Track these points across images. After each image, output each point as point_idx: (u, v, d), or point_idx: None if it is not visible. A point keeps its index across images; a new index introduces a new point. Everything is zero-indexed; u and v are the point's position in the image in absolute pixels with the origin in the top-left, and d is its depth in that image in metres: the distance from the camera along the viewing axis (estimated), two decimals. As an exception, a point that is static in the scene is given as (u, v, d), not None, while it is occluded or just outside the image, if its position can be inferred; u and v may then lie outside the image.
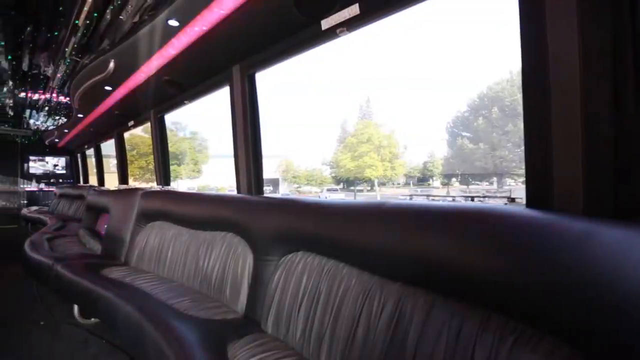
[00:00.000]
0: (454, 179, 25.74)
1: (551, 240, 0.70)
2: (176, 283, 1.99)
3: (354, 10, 1.46)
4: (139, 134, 21.72)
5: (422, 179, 29.44)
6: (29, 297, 2.79)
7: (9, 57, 2.75)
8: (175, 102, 3.07)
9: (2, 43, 2.47)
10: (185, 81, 2.66)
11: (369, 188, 27.10)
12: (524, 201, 1.03)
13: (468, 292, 0.82)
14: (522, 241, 0.74)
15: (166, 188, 3.13)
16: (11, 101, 4.23)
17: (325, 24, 1.61)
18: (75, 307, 2.32)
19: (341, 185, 28.73)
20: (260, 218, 1.60)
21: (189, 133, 26.92)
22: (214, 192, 2.18)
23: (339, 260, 1.22)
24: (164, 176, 3.34)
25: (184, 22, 1.83)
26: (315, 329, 1.17)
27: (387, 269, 1.04)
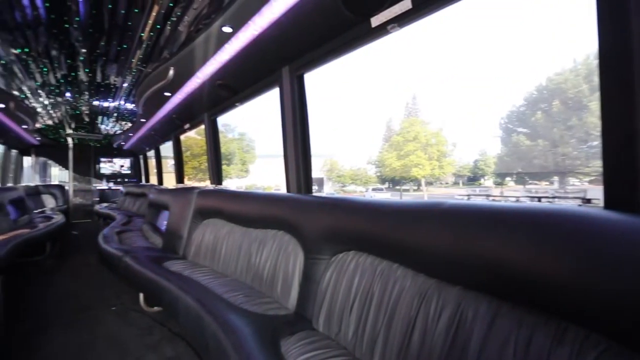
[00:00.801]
0: (508, 178, 24.06)
1: (637, 245, 0.63)
2: (230, 278, 2.08)
3: (406, 4, 1.42)
4: (193, 136, 23.11)
5: (473, 178, 27.96)
6: (104, 284, 3.11)
7: (86, 70, 3.08)
8: (227, 105, 3.22)
9: (82, 58, 2.78)
10: (236, 84, 2.78)
11: (415, 188, 26.33)
12: (600, 203, 0.93)
13: (540, 300, 0.76)
14: (603, 245, 0.67)
15: (219, 187, 3.29)
16: (87, 109, 4.73)
17: (375, 20, 1.59)
18: (141, 296, 2.53)
19: (386, 185, 28.22)
20: (311, 217, 1.62)
21: (237, 134, 28.13)
22: (265, 191, 2.25)
23: (392, 261, 1.20)
24: (217, 175, 3.52)
25: (237, 27, 1.91)
26: (368, 329, 1.16)
27: (445, 272, 1.00)
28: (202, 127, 4.21)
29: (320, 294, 1.45)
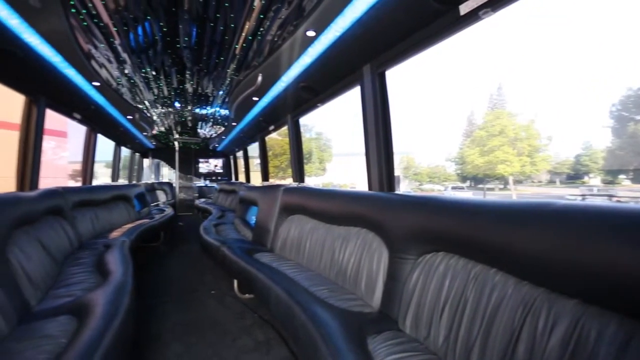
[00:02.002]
0: (622, 176, 20.03)
1: None
2: (314, 272, 2.18)
3: None
4: (274, 137, 24.63)
5: (574, 176, 24.09)
6: (204, 270, 3.53)
7: (191, 82, 3.54)
8: (309, 106, 3.36)
9: (189, 72, 3.20)
10: (318, 85, 2.88)
11: (501, 186, 23.82)
12: None
13: None
14: None
15: (302, 185, 3.45)
16: (190, 116, 5.41)
17: (465, 7, 1.48)
18: (235, 283, 2.81)
19: (467, 183, 26.11)
20: (396, 215, 1.60)
21: (314, 134, 29.05)
22: (348, 189, 2.29)
23: (489, 265, 1.12)
24: (300, 173, 3.70)
25: (320, 30, 1.98)
26: (462, 337, 1.10)
27: (558, 282, 0.89)
28: (284, 128, 4.49)
29: (406, 294, 1.43)
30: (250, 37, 2.42)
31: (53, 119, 2.97)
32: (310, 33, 2.02)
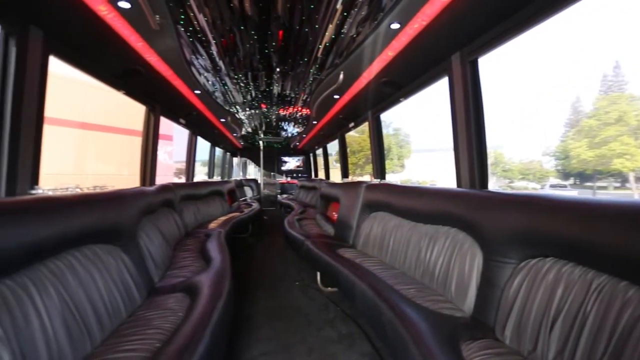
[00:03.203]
0: None
1: None
2: (398, 270, 2.13)
3: None
4: (351, 134, 24.72)
5: None
6: (288, 261, 3.73)
7: (277, 84, 3.76)
8: (391, 101, 3.28)
9: (276, 75, 3.41)
10: (401, 79, 2.79)
11: (617, 184, 19.97)
12: None
13: None
14: None
15: (384, 182, 3.40)
16: (274, 117, 5.76)
17: None
18: (318, 276, 2.90)
19: (571, 181, 22.50)
20: (493, 215, 1.47)
21: (392, 130, 28.31)
22: (435, 186, 2.18)
23: (618, 277, 0.95)
24: (381, 170, 3.65)
25: (405, 22, 1.91)
26: (580, 357, 0.96)
27: None
28: (363, 125, 4.46)
29: (505, 301, 1.30)
30: (333, 37, 2.46)
31: (162, 124, 3.47)
32: (395, 25, 1.97)
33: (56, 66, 1.91)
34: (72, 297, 1.19)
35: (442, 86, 2.56)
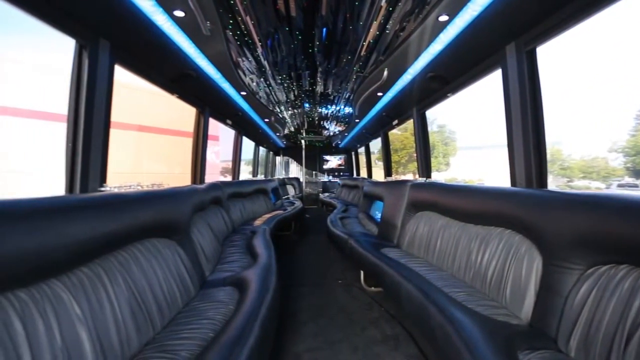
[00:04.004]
0: None
1: None
2: (446, 272, 2.04)
3: None
4: (393, 132, 24.15)
5: None
6: (331, 260, 3.75)
7: (320, 83, 3.78)
8: (438, 97, 3.15)
9: (319, 74, 3.44)
10: (448, 74, 2.67)
11: None
12: None
13: None
14: None
15: (429, 180, 3.29)
16: (316, 116, 5.81)
17: None
18: (362, 275, 2.88)
19: (644, 179, 20.03)
20: (554, 216, 1.35)
21: (436, 127, 27.24)
22: (486, 185, 2.05)
23: None
24: (426, 169, 3.53)
25: (454, 13, 1.82)
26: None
27: None
28: (407, 122, 4.34)
29: (570, 310, 1.19)
30: (377, 33, 2.42)
31: (210, 125, 3.66)
32: (443, 18, 1.89)
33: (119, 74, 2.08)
34: (136, 286, 1.29)
35: (492, 80, 2.42)
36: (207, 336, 1.22)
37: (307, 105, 4.98)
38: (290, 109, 5.21)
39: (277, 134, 6.93)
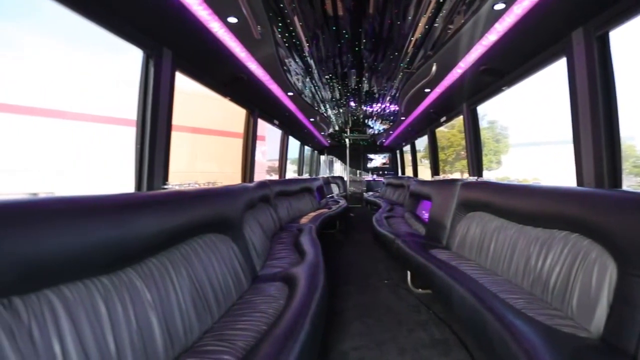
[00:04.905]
0: None
1: None
2: (501, 277, 1.93)
3: None
4: (439, 129, 23.19)
5: None
6: (376, 259, 3.71)
7: (366, 81, 3.76)
8: (491, 91, 2.98)
9: (366, 72, 3.42)
10: (504, 66, 2.52)
11: None
12: None
13: None
14: None
15: (481, 179, 3.13)
16: (360, 114, 5.78)
17: None
18: (408, 275, 2.82)
19: None
20: (632, 220, 1.22)
21: (486, 123, 25.66)
22: (547, 185, 1.90)
23: None
24: (478, 167, 3.36)
25: (511, 0, 1.72)
26: None
27: None
28: (457, 119, 4.15)
29: None
30: (426, 27, 2.35)
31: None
32: (499, 6, 1.79)
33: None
34: (197, 278, 1.39)
35: (553, 70, 2.24)
36: (261, 328, 1.28)
37: (352, 103, 4.98)
38: (335, 107, 5.23)
39: (322, 133, 7.00)
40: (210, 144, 14.23)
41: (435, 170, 5.23)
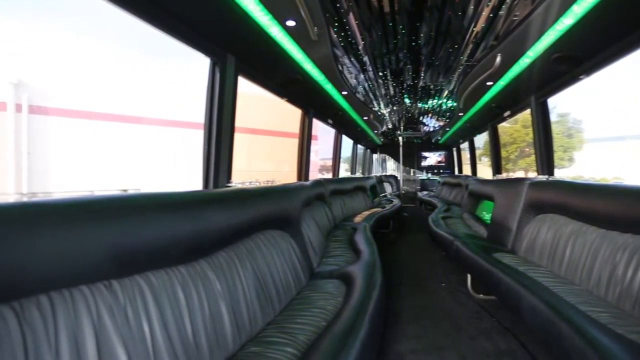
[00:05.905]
0: None
1: None
2: (579, 287, 1.75)
3: None
4: (500, 125, 21.55)
5: None
6: (432, 261, 3.59)
7: (422, 77, 3.65)
8: (565, 81, 2.70)
9: (423, 68, 3.32)
10: (582, 53, 2.27)
11: None
12: None
13: None
14: None
15: (551, 178, 2.85)
16: (415, 111, 5.61)
17: None
18: (469, 280, 2.68)
19: None
20: None
21: (556, 116, 23.18)
22: (637, 185, 1.68)
23: None
24: (548, 165, 3.07)
25: None
26: None
27: None
28: (523, 112, 3.83)
29: None
30: (490, 16, 2.21)
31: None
32: None
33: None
34: (260, 271, 1.48)
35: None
36: (320, 324, 1.32)
37: (407, 100, 4.85)
38: (389, 105, 5.15)
39: (375, 131, 6.93)
40: (264, 143, 14.87)
41: (497, 169, 4.89)
